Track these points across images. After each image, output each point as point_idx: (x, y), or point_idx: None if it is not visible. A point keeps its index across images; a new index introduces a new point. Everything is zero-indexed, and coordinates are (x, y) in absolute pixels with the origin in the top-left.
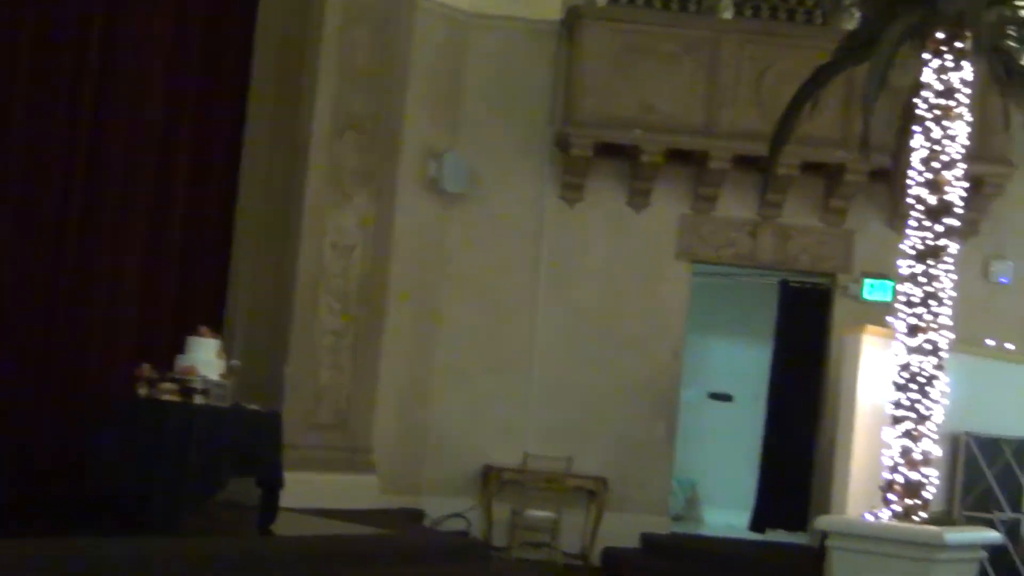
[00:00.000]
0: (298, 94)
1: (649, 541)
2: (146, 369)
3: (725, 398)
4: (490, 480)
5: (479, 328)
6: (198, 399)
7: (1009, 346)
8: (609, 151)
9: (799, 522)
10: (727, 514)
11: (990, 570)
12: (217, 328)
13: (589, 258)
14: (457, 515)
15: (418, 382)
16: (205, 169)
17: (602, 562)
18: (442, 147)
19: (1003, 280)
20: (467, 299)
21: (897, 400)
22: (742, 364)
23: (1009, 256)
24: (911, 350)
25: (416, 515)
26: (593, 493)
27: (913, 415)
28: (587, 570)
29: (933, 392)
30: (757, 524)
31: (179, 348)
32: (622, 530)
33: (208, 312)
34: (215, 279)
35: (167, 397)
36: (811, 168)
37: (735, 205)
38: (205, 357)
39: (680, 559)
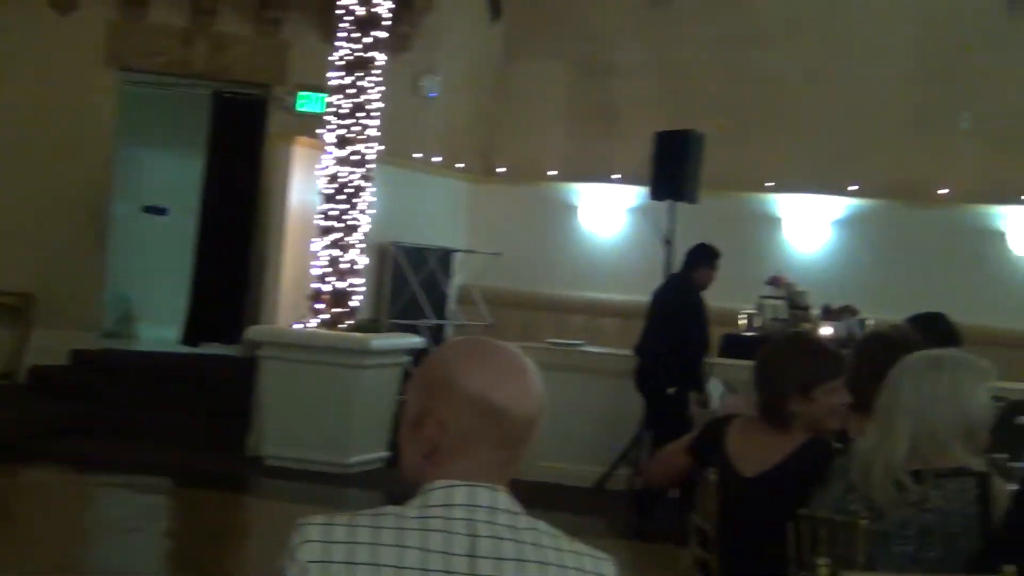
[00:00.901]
0: None
1: (79, 357)
2: None
3: (159, 211)
4: None
5: None
6: None
7: (435, 159)
8: None
9: (232, 335)
10: (162, 329)
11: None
12: None
13: (10, 65)
14: None
15: None
16: None
17: (29, 380)
18: None
19: (432, 95)
20: None
21: (325, 211)
22: (177, 177)
23: (439, 72)
24: (339, 161)
25: None
26: (18, 309)
27: (341, 226)
28: (14, 389)
29: (360, 203)
30: (189, 338)
31: None
32: (52, 347)
33: None
34: None
35: None
36: None
37: (167, 12)
38: None
39: (111, 374)
